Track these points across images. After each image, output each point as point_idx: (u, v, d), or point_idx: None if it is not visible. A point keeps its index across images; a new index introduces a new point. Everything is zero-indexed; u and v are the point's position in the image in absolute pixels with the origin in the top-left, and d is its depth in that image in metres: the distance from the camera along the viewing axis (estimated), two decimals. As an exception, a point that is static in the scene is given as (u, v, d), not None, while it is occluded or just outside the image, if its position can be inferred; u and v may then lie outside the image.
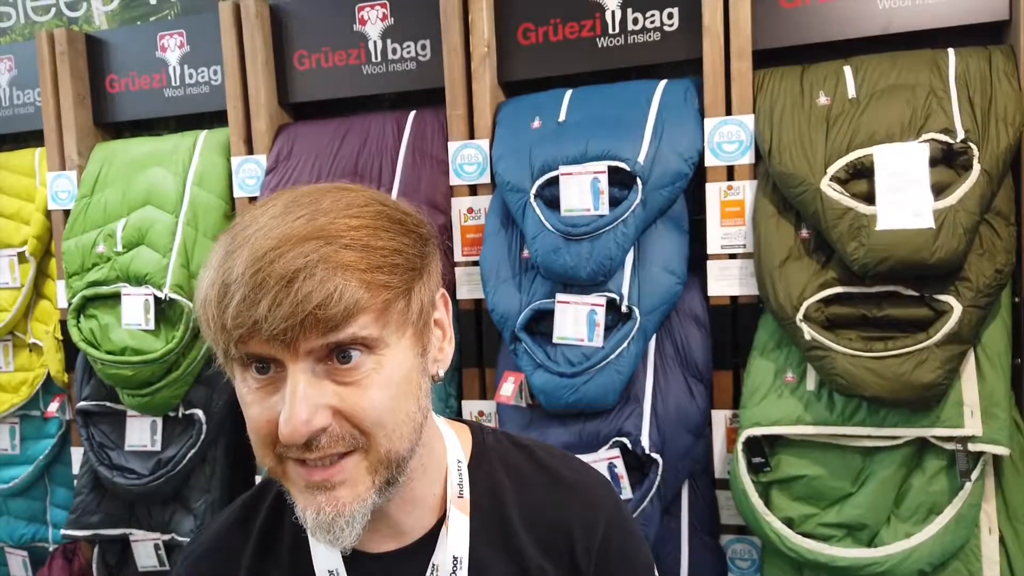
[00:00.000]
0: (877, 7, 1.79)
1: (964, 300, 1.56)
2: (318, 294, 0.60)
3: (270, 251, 0.61)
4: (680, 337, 1.85)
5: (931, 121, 1.62)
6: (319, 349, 0.63)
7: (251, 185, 2.22)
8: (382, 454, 0.66)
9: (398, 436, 0.67)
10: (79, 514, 2.29)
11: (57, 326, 2.45)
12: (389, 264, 0.65)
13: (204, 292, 0.64)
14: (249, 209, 0.68)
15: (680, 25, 1.92)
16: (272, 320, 0.60)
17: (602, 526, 0.82)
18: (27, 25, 2.77)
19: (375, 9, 2.18)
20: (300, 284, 0.60)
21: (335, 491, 0.65)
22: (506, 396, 1.87)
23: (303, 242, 0.61)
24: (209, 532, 0.85)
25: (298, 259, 0.61)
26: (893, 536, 1.62)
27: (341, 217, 0.64)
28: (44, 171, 2.48)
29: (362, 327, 0.63)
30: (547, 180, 1.83)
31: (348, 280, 0.62)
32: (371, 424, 0.65)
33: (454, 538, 0.76)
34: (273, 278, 0.60)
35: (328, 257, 0.61)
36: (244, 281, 0.61)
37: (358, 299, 0.62)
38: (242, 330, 0.61)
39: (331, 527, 0.66)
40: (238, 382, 0.67)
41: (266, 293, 0.60)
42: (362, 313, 0.63)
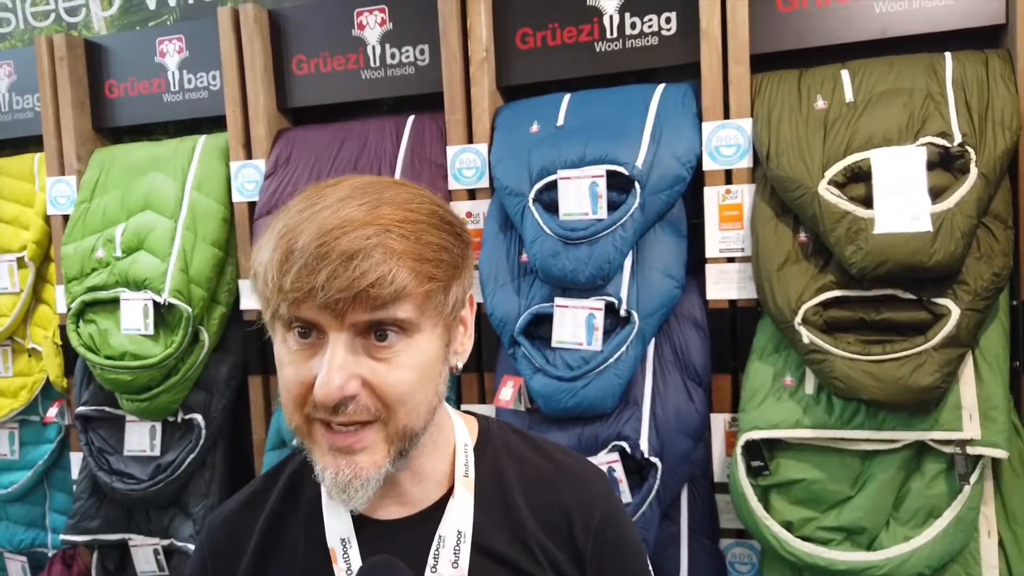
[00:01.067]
0: (874, 11, 1.80)
1: (962, 303, 1.56)
2: (373, 273, 0.67)
3: (335, 228, 0.68)
4: (679, 341, 1.85)
5: (928, 125, 1.62)
6: (361, 324, 0.69)
7: (250, 190, 2.22)
8: (400, 428, 0.73)
9: (416, 414, 0.74)
10: (78, 519, 2.29)
11: (56, 331, 2.45)
12: (436, 259, 0.72)
13: (267, 255, 0.70)
14: (314, 188, 0.75)
15: (678, 29, 1.93)
16: (328, 289, 0.67)
17: (599, 508, 0.87)
18: (26, 30, 2.77)
19: (374, 14, 2.18)
20: (359, 262, 0.67)
21: (355, 456, 0.72)
22: (505, 400, 1.87)
23: (365, 226, 0.68)
24: (230, 502, 0.91)
25: (359, 240, 0.67)
26: (892, 540, 1.62)
27: (400, 210, 0.71)
28: (43, 176, 2.48)
29: (404, 311, 0.70)
30: (546, 184, 1.84)
31: (400, 266, 0.68)
32: (395, 399, 0.71)
33: (459, 513, 0.82)
34: (335, 252, 0.67)
35: (386, 243, 0.68)
36: (309, 251, 0.67)
37: (406, 284, 0.69)
38: (298, 294, 0.68)
39: (347, 488, 0.72)
40: (278, 342, 0.74)
41: (327, 264, 0.66)
42: (407, 298, 0.69)
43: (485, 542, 0.81)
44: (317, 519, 0.83)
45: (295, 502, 0.86)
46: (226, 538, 0.87)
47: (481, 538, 0.81)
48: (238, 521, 0.87)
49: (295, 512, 0.86)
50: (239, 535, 0.86)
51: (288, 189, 2.13)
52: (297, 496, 0.87)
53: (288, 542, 0.84)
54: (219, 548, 0.87)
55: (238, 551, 0.85)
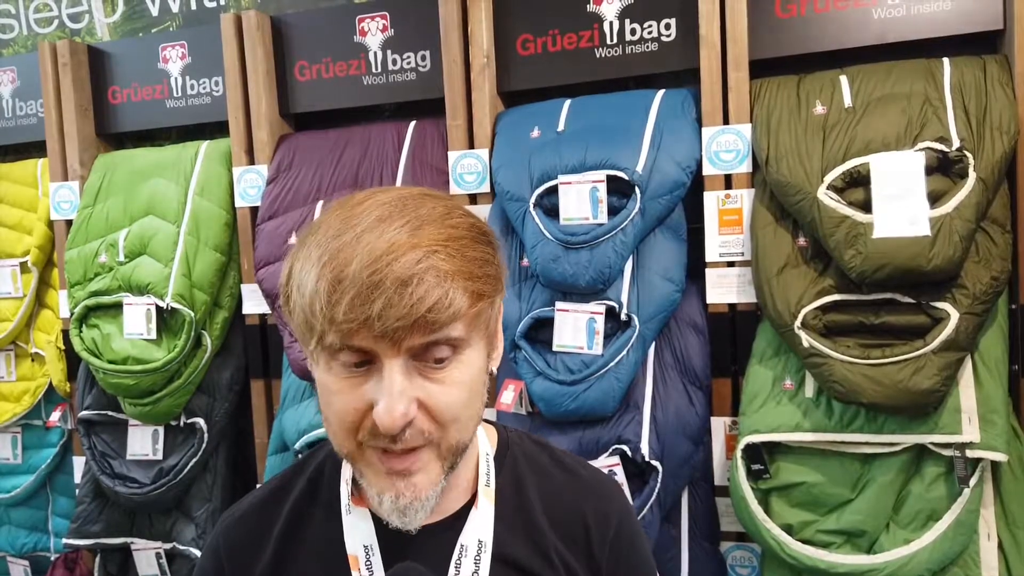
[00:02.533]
0: (872, 17, 1.81)
1: (961, 307, 1.57)
2: (430, 298, 0.66)
3: (384, 255, 0.66)
4: (679, 345, 1.86)
5: (927, 130, 1.63)
6: (417, 347, 0.68)
7: (252, 195, 2.23)
8: (452, 444, 0.73)
9: (466, 429, 0.74)
10: (80, 523, 2.30)
11: (59, 336, 2.46)
12: (484, 274, 0.71)
13: (310, 284, 0.68)
14: (342, 206, 0.72)
15: (677, 35, 1.94)
16: (385, 318, 0.65)
17: (615, 518, 0.88)
18: (30, 36, 2.79)
19: (375, 20, 2.20)
20: (413, 288, 0.65)
21: (413, 478, 0.72)
22: (506, 404, 1.88)
23: (413, 249, 0.66)
24: (245, 502, 0.90)
25: (410, 264, 0.66)
26: (892, 542, 1.63)
27: (442, 227, 0.69)
28: (46, 181, 2.49)
29: (457, 329, 0.69)
30: (546, 189, 1.85)
31: (455, 287, 0.67)
32: (449, 419, 0.71)
33: (481, 523, 0.82)
34: (389, 280, 0.65)
35: (436, 265, 0.67)
36: (361, 280, 0.65)
37: (462, 306, 0.68)
38: (352, 324, 0.66)
39: (407, 510, 0.72)
40: (321, 370, 0.72)
41: (382, 293, 0.65)
42: (459, 318, 0.69)
43: (505, 551, 0.82)
44: (336, 524, 0.83)
45: (314, 505, 0.86)
46: (245, 536, 0.86)
47: (501, 547, 0.82)
48: (256, 520, 0.87)
49: (314, 515, 0.85)
50: (257, 535, 0.85)
51: (290, 194, 2.14)
52: (316, 499, 0.86)
53: (307, 545, 0.84)
54: (236, 546, 0.86)
55: (256, 550, 0.85)
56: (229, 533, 0.87)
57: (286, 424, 2.07)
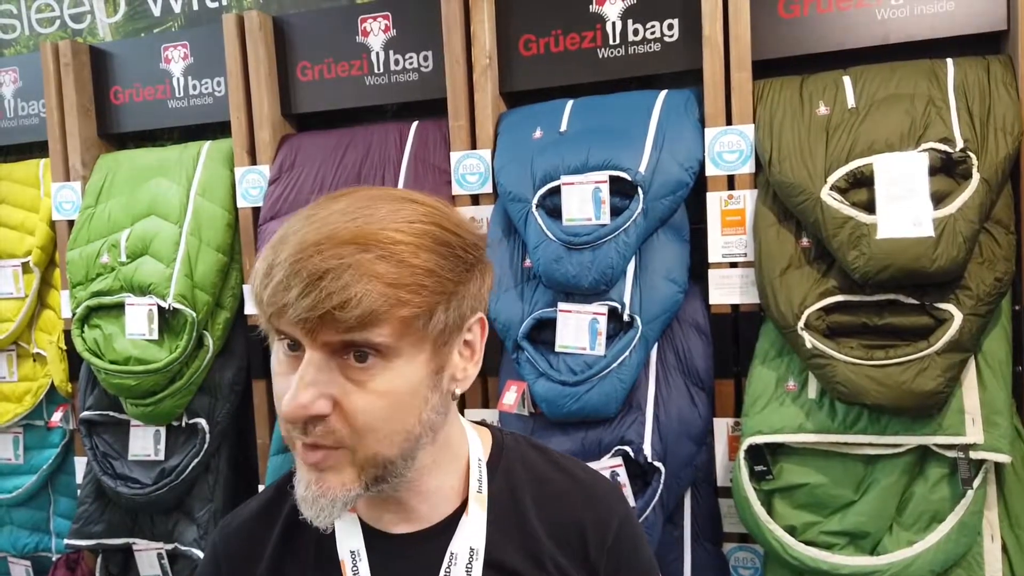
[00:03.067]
0: (875, 17, 1.80)
1: (964, 308, 1.57)
2: (339, 296, 0.65)
3: (312, 245, 0.66)
4: (682, 345, 1.86)
5: (930, 130, 1.63)
6: (335, 343, 0.67)
7: (254, 195, 2.23)
8: (370, 455, 0.71)
9: (388, 443, 0.71)
10: (82, 524, 2.29)
11: (61, 336, 2.46)
12: (416, 283, 0.68)
13: (257, 266, 0.70)
14: (326, 197, 0.74)
15: (680, 36, 1.94)
16: (297, 308, 0.66)
17: (615, 525, 0.86)
18: (32, 37, 2.79)
19: (377, 20, 2.19)
20: (327, 283, 0.65)
21: (324, 474, 0.71)
22: (509, 405, 1.88)
23: (344, 244, 0.66)
24: (244, 509, 0.90)
25: (332, 259, 0.65)
26: (896, 544, 1.62)
27: (388, 229, 0.68)
28: (48, 182, 2.49)
29: (378, 335, 0.67)
30: (549, 190, 1.84)
31: (369, 291, 0.66)
32: (363, 426, 0.69)
33: (472, 530, 0.81)
34: (306, 271, 0.65)
35: (360, 264, 0.66)
36: (285, 267, 0.67)
37: (374, 309, 0.66)
38: (274, 308, 0.67)
39: (313, 505, 0.71)
40: (273, 352, 0.73)
41: (298, 282, 0.65)
42: (381, 322, 0.67)
43: (498, 558, 0.81)
44: (330, 531, 0.82)
45: None
46: (243, 543, 0.86)
47: (494, 554, 0.81)
48: (254, 528, 0.87)
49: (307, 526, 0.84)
50: (255, 542, 0.86)
51: (292, 195, 2.14)
52: None
53: (301, 552, 0.84)
54: (235, 552, 0.86)
55: (253, 558, 0.85)
56: (228, 541, 0.87)
57: (288, 425, 2.07)
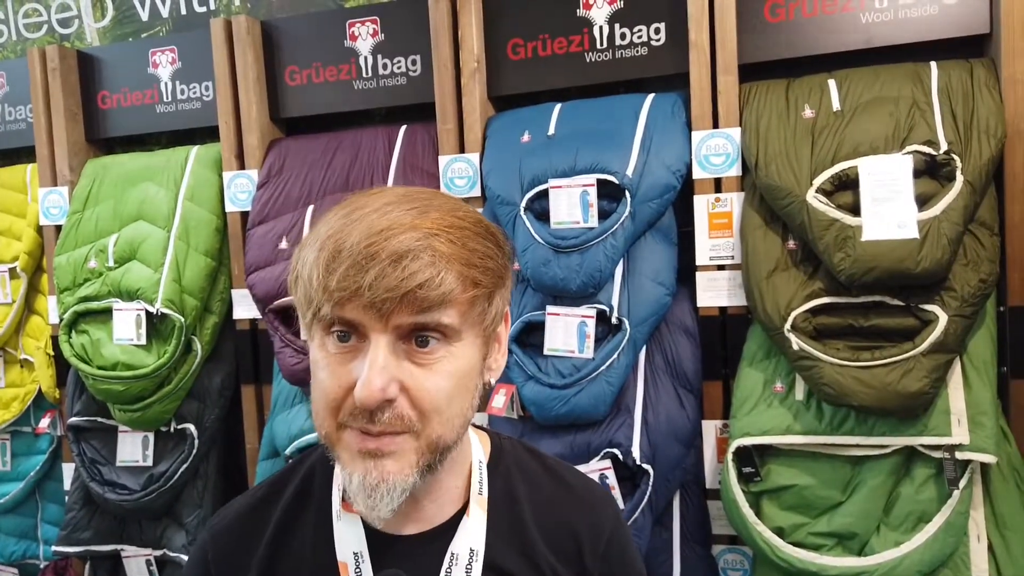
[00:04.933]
0: (860, 21, 1.82)
1: (949, 309, 1.58)
2: (422, 275, 0.67)
3: (385, 229, 0.67)
4: (670, 348, 1.86)
5: (914, 133, 1.64)
6: (405, 327, 0.68)
7: (243, 200, 2.23)
8: (433, 439, 0.71)
9: (450, 425, 0.72)
10: (70, 530, 2.28)
11: (48, 342, 2.45)
12: (483, 265, 0.71)
13: (312, 255, 0.69)
14: (355, 196, 0.75)
15: (667, 40, 1.95)
16: (376, 288, 0.66)
17: (607, 531, 0.88)
18: (19, 42, 2.78)
19: (365, 25, 2.20)
20: (408, 262, 0.66)
21: (383, 460, 0.70)
22: (497, 408, 1.88)
23: (414, 229, 0.68)
24: (233, 507, 0.88)
25: (409, 241, 0.67)
26: (883, 545, 1.63)
27: (447, 215, 0.71)
28: (36, 187, 2.48)
29: (448, 316, 0.69)
30: (537, 193, 1.85)
31: (448, 269, 0.68)
32: (431, 407, 0.70)
33: (473, 531, 0.81)
34: (385, 252, 0.66)
35: (434, 246, 0.68)
36: (358, 250, 0.67)
37: (453, 288, 0.68)
38: (345, 293, 0.67)
39: (373, 492, 0.70)
40: (315, 346, 0.72)
41: (376, 263, 0.66)
42: (452, 303, 0.69)
43: (496, 561, 0.81)
44: (326, 531, 0.82)
45: (304, 511, 0.85)
46: (233, 542, 0.84)
47: (492, 557, 0.81)
48: (245, 527, 0.85)
49: (303, 521, 0.84)
50: (246, 540, 0.84)
51: (281, 199, 2.14)
52: (306, 505, 0.85)
53: (296, 552, 0.83)
54: (224, 551, 0.84)
55: (245, 556, 0.83)
56: (217, 540, 0.85)
57: (277, 430, 2.07)
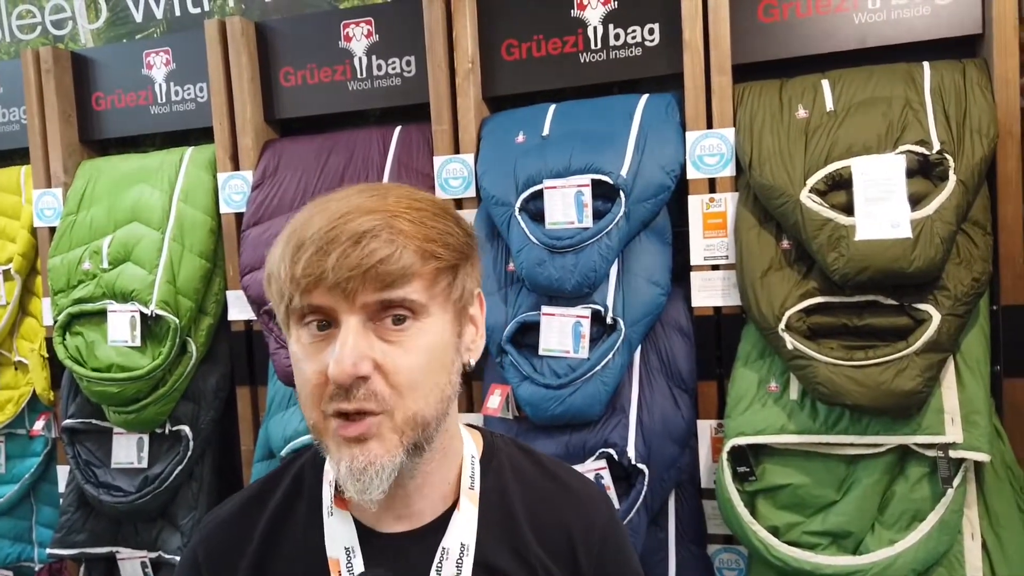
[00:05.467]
0: (853, 22, 1.82)
1: (943, 308, 1.58)
2: (381, 251, 0.70)
3: (345, 214, 0.71)
4: (665, 348, 1.86)
5: (907, 133, 1.65)
6: (373, 304, 0.71)
7: (237, 201, 2.22)
8: (410, 415, 0.73)
9: (425, 401, 0.74)
10: (65, 533, 2.27)
11: (43, 344, 2.44)
12: (442, 241, 0.74)
13: (279, 250, 0.73)
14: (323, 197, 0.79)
15: (661, 40, 1.95)
16: (338, 270, 0.69)
17: (600, 528, 0.88)
18: (12, 43, 2.77)
19: (360, 26, 2.20)
20: (367, 242, 0.70)
21: (367, 443, 0.72)
22: (493, 408, 1.88)
23: (373, 212, 0.72)
24: (224, 509, 0.89)
25: (367, 222, 0.71)
26: (877, 543, 1.63)
27: (406, 199, 0.75)
28: (30, 188, 2.48)
29: (412, 290, 0.72)
30: (532, 194, 1.85)
31: (407, 245, 0.71)
32: (405, 383, 0.72)
33: (463, 526, 0.82)
34: (345, 235, 0.70)
35: (392, 225, 0.71)
36: (319, 237, 0.70)
37: (413, 262, 0.71)
38: (310, 279, 0.70)
39: (361, 475, 0.72)
40: (292, 340, 0.75)
41: (337, 246, 0.69)
42: (415, 278, 0.72)
43: (487, 557, 0.81)
44: (317, 529, 0.82)
45: (295, 509, 0.85)
46: (224, 542, 0.85)
47: (484, 554, 0.81)
48: (236, 525, 0.86)
49: (295, 519, 0.85)
50: (237, 540, 0.85)
51: (275, 200, 2.14)
52: (297, 503, 0.85)
53: (287, 550, 0.83)
54: (215, 552, 0.85)
55: (236, 556, 0.84)
56: (209, 539, 0.86)
57: (272, 431, 2.07)
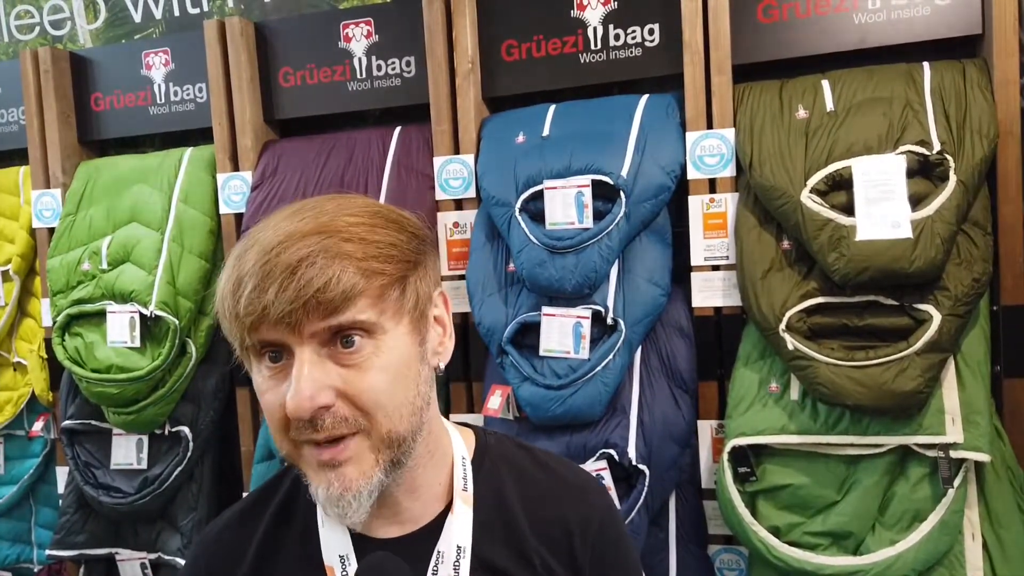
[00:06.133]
0: (853, 22, 1.82)
1: (943, 309, 1.58)
2: (319, 279, 0.67)
3: (277, 245, 0.68)
4: (665, 348, 1.86)
5: (908, 133, 1.65)
6: (322, 332, 0.69)
7: (237, 202, 2.22)
8: (383, 434, 0.71)
9: (397, 417, 0.72)
10: (64, 534, 2.27)
11: (42, 344, 2.44)
12: (384, 255, 0.71)
13: (221, 288, 0.70)
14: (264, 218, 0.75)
15: (661, 41, 1.95)
16: (278, 304, 0.66)
17: (597, 520, 0.87)
18: (11, 44, 2.77)
19: (359, 26, 2.19)
20: (303, 271, 0.67)
21: (342, 468, 0.71)
22: (493, 409, 1.88)
23: (305, 237, 0.68)
24: (223, 519, 0.89)
25: (301, 250, 0.67)
26: (878, 544, 1.63)
27: (341, 216, 0.71)
28: (28, 189, 2.47)
29: (360, 311, 0.69)
30: (532, 194, 1.85)
31: (346, 267, 0.68)
32: (371, 404, 0.70)
33: (458, 528, 0.81)
34: (279, 267, 0.67)
35: (328, 248, 0.68)
36: (255, 272, 0.67)
37: (354, 283, 0.68)
38: (253, 316, 0.68)
39: (339, 501, 0.71)
40: (254, 373, 0.73)
41: (273, 281, 0.67)
42: (359, 297, 0.69)
43: (485, 556, 0.81)
44: (313, 536, 0.82)
45: (290, 518, 0.86)
46: (222, 552, 0.86)
47: (481, 552, 0.81)
48: (234, 536, 0.86)
49: (290, 528, 0.85)
50: (235, 550, 0.85)
51: (275, 201, 2.14)
52: (292, 512, 0.86)
53: (283, 559, 0.83)
54: (215, 562, 0.86)
55: (234, 566, 0.84)
56: (208, 549, 0.87)
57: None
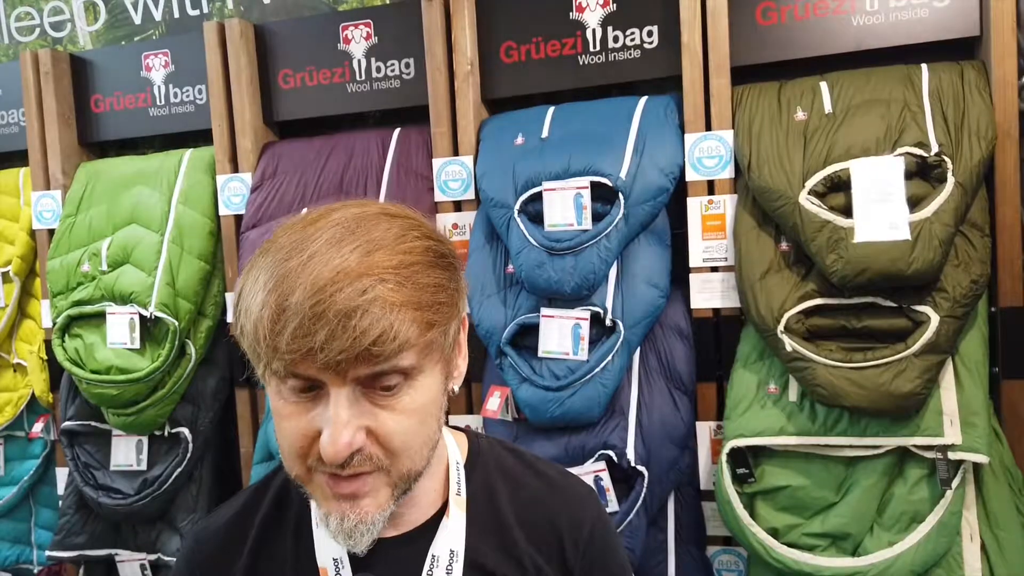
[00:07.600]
0: (851, 24, 1.83)
1: (941, 310, 1.58)
2: (373, 331, 0.64)
3: (328, 284, 0.64)
4: (664, 350, 1.86)
5: (906, 135, 1.65)
6: (364, 377, 0.67)
7: (236, 203, 2.22)
8: (403, 472, 0.72)
9: (419, 457, 0.73)
10: (64, 535, 2.27)
11: (42, 346, 2.44)
12: (436, 302, 0.69)
13: (256, 312, 0.66)
14: (296, 225, 0.70)
15: (660, 43, 1.95)
16: (328, 351, 0.63)
17: (588, 523, 0.88)
18: (11, 45, 2.77)
19: (359, 28, 2.20)
20: (358, 321, 0.63)
21: (360, 501, 0.71)
22: (492, 410, 1.88)
23: (360, 277, 0.64)
24: (215, 516, 0.89)
25: (355, 295, 0.63)
26: (876, 545, 1.63)
27: (394, 253, 0.67)
28: (28, 191, 2.48)
29: (407, 359, 0.68)
30: (531, 196, 1.85)
31: (402, 319, 0.65)
32: (399, 446, 0.70)
33: (452, 532, 0.82)
34: (332, 311, 0.63)
35: (383, 296, 0.64)
36: (303, 310, 0.63)
37: (409, 337, 0.66)
38: (296, 355, 0.64)
39: (352, 533, 0.71)
40: (272, 393, 0.71)
41: (324, 325, 0.63)
42: (410, 347, 0.67)
43: (478, 560, 0.82)
44: (306, 535, 0.83)
45: (283, 517, 0.86)
46: (216, 549, 0.86)
47: (474, 556, 0.82)
48: (228, 533, 0.86)
49: (283, 527, 0.85)
50: (229, 547, 0.85)
51: (274, 202, 2.14)
52: (285, 511, 0.86)
53: (277, 557, 0.84)
54: (208, 558, 0.85)
55: (228, 563, 0.84)
56: (201, 546, 0.87)
57: (271, 433, 2.06)
